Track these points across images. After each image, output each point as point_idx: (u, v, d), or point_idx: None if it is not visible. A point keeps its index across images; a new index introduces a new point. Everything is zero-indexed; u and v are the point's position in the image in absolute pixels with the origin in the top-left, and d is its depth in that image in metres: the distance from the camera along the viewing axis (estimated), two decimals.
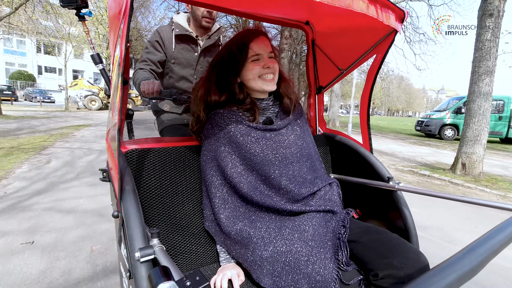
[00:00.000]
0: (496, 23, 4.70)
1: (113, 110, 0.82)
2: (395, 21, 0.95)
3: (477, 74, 4.86)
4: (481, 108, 4.80)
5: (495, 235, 0.45)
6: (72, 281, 1.63)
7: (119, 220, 0.74)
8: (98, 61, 1.41)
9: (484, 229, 0.60)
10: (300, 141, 1.06)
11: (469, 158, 4.96)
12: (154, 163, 1.00)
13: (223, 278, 0.88)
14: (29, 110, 14.66)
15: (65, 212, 2.53)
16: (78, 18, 1.33)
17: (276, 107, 1.12)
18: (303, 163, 1.05)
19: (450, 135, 12.28)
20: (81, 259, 1.86)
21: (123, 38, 0.68)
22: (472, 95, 4.93)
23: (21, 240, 2.03)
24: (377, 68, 1.19)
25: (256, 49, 1.01)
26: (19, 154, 4.54)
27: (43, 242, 2.02)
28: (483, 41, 4.77)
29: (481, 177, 4.88)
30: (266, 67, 1.02)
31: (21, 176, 3.49)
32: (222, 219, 0.97)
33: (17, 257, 1.80)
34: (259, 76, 1.02)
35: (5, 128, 7.24)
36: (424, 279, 0.37)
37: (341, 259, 0.86)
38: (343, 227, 0.93)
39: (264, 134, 1.01)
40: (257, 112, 1.03)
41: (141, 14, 16.24)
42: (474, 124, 4.85)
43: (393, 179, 1.14)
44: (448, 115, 12.25)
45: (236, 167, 0.98)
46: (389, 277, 0.76)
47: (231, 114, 1.02)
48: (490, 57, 4.73)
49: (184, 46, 1.68)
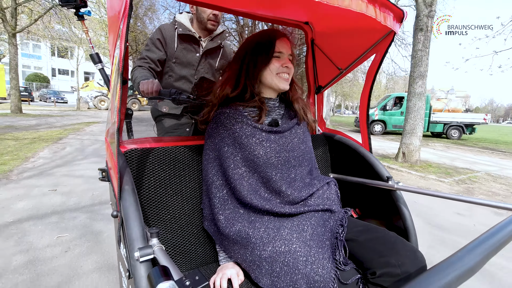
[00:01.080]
0: (426, 36, 5.67)
1: (112, 110, 0.81)
2: (393, 21, 0.95)
3: (412, 77, 5.85)
4: (415, 106, 5.78)
5: (495, 234, 0.45)
6: (79, 206, 2.78)
7: (118, 220, 0.74)
8: (97, 61, 1.40)
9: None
10: (303, 145, 1.07)
11: (407, 148, 5.95)
12: (154, 162, 1.00)
13: (222, 277, 0.88)
14: (45, 109, 16.12)
15: (76, 177, 3.75)
16: (77, 18, 1.33)
17: (281, 109, 1.12)
18: (304, 168, 1.06)
19: (378, 130, 13.40)
20: (86, 198, 3.01)
21: (123, 38, 0.68)
22: (409, 95, 5.89)
23: (48, 189, 3.20)
24: (376, 68, 1.19)
25: (280, 47, 1.03)
26: (40, 142, 5.74)
27: (62, 190, 3.18)
28: (416, 51, 5.74)
29: (417, 164, 5.89)
30: (285, 66, 1.03)
31: (44, 156, 4.72)
32: (221, 220, 0.97)
33: (47, 196, 2.99)
34: (276, 73, 1.03)
35: (27, 124, 8.74)
36: (424, 278, 0.37)
37: (339, 259, 0.86)
38: (341, 226, 0.93)
39: (269, 136, 1.01)
40: (264, 112, 1.03)
41: (148, 19, 16.48)
42: (411, 119, 5.83)
43: (392, 179, 1.14)
44: (376, 112, 13.36)
45: (238, 168, 0.98)
46: (386, 275, 0.77)
47: (236, 114, 1.02)
48: (422, 63, 5.70)
49: (186, 46, 1.68)
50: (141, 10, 15.18)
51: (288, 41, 1.07)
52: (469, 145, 11.28)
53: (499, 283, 1.89)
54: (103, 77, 1.42)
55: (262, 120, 1.02)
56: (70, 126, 9.10)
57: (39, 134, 6.80)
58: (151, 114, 1.82)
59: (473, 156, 8.08)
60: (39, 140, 6.00)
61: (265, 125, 1.03)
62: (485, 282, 1.88)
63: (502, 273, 1.99)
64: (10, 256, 1.81)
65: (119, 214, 0.73)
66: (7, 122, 8.81)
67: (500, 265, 2.07)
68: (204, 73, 1.74)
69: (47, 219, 2.43)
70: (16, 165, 4.02)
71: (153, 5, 15.60)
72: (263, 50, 1.03)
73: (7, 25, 11.22)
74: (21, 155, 4.56)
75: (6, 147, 4.99)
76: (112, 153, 0.82)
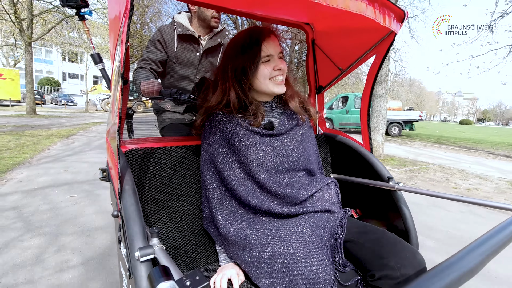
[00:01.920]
0: None
1: (113, 110, 0.81)
2: (393, 22, 0.95)
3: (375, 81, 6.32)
4: (378, 106, 6.54)
5: (495, 235, 0.45)
6: (85, 180, 3.70)
7: (119, 220, 0.74)
8: (98, 61, 1.40)
9: None
10: (300, 149, 1.03)
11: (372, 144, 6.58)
12: (154, 162, 1.00)
13: (222, 277, 0.88)
14: (56, 111, 17.74)
15: (82, 162, 4.71)
16: (78, 18, 1.33)
17: (280, 109, 1.08)
18: (300, 171, 1.03)
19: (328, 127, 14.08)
20: (90, 176, 3.92)
21: (123, 38, 0.68)
22: (373, 97, 6.16)
23: (61, 170, 4.15)
24: (377, 69, 1.19)
25: (267, 49, 0.96)
26: (53, 138, 6.89)
27: (72, 171, 4.13)
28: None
29: (381, 157, 6.63)
30: (277, 68, 0.97)
31: (57, 148, 5.82)
32: (219, 221, 0.96)
33: (60, 174, 3.92)
34: (269, 78, 0.97)
35: (41, 123, 10.05)
36: (424, 280, 0.37)
37: (338, 260, 0.85)
38: (340, 227, 0.91)
39: (263, 140, 0.98)
40: (259, 116, 0.98)
41: (154, 25, 16.74)
42: (374, 118, 6.59)
43: (393, 179, 1.14)
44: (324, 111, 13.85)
45: (233, 169, 0.97)
46: (385, 278, 0.76)
47: (230, 116, 0.99)
48: (383, 69, 6.40)
49: (186, 45, 1.68)
50: (147, 16, 15.41)
51: (275, 37, 0.99)
52: (448, 144, 11.98)
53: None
54: (104, 77, 1.42)
55: (258, 123, 0.98)
56: (78, 125, 10.34)
57: (52, 132, 7.99)
58: (153, 108, 1.82)
59: (442, 153, 8.63)
60: (52, 136, 7.18)
61: (260, 127, 0.99)
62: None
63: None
64: (38, 206, 2.80)
65: (120, 214, 0.73)
66: (24, 122, 10.10)
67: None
68: (205, 72, 1.74)
69: (61, 187, 3.39)
70: (35, 154, 5.01)
71: (159, 12, 15.83)
72: (249, 58, 0.94)
73: (24, 35, 12.34)
74: (38, 148, 5.58)
75: (26, 142, 6.08)
76: (112, 153, 0.82)
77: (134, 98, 18.28)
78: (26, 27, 12.36)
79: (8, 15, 11.86)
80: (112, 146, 0.85)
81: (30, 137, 6.68)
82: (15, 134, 7.00)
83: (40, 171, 4.02)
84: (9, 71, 19.59)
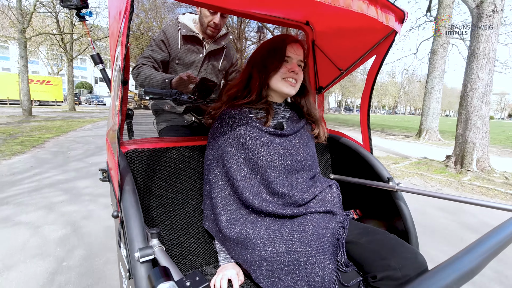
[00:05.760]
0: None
1: (113, 110, 0.81)
2: (394, 22, 0.95)
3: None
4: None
5: (495, 236, 0.45)
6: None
7: (119, 220, 0.74)
8: (98, 61, 1.40)
9: None
10: (306, 150, 1.08)
11: None
12: (154, 163, 1.00)
13: (222, 278, 0.88)
14: (89, 109, 23.31)
15: (100, 131, 8.76)
16: (78, 18, 1.33)
17: (287, 112, 1.13)
18: (306, 172, 1.06)
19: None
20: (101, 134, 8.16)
21: (124, 38, 0.68)
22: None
23: (90, 133, 8.47)
24: (377, 69, 1.19)
25: (289, 52, 1.03)
26: (86, 123, 11.14)
27: (95, 134, 8.24)
28: None
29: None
30: (291, 70, 1.02)
31: (87, 128, 9.73)
32: (223, 220, 0.97)
33: (91, 136, 7.90)
34: (283, 78, 1.03)
35: (78, 116, 14.98)
36: (424, 280, 0.37)
37: (340, 260, 0.85)
38: (343, 228, 0.92)
39: (273, 139, 1.01)
40: (270, 115, 1.03)
41: (158, 28, 16.74)
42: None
43: (393, 180, 1.14)
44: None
45: (241, 169, 0.98)
46: (387, 279, 0.76)
47: (242, 116, 1.02)
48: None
49: (189, 47, 1.68)
50: (157, 23, 15.54)
51: (300, 47, 1.06)
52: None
53: None
54: (104, 77, 1.42)
55: (268, 123, 1.02)
56: (103, 117, 15.18)
57: (85, 120, 12.81)
58: (152, 109, 1.81)
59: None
60: (86, 122, 11.76)
61: (270, 127, 1.03)
62: None
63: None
64: (81, 138, 7.19)
65: (120, 214, 0.73)
66: (68, 115, 15.65)
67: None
68: (207, 74, 1.74)
69: (88, 136, 7.49)
70: (77, 128, 9.40)
71: (165, 16, 15.94)
72: (273, 55, 1.03)
73: (67, 53, 17.83)
74: (77, 126, 9.97)
75: (71, 124, 10.51)
76: (113, 154, 0.82)
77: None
78: (68, 47, 17.66)
79: (57, 41, 17.39)
80: (112, 146, 0.85)
81: (73, 122, 11.62)
82: (64, 120, 12.00)
83: (80, 134, 8.17)
84: (54, 78, 25.71)
